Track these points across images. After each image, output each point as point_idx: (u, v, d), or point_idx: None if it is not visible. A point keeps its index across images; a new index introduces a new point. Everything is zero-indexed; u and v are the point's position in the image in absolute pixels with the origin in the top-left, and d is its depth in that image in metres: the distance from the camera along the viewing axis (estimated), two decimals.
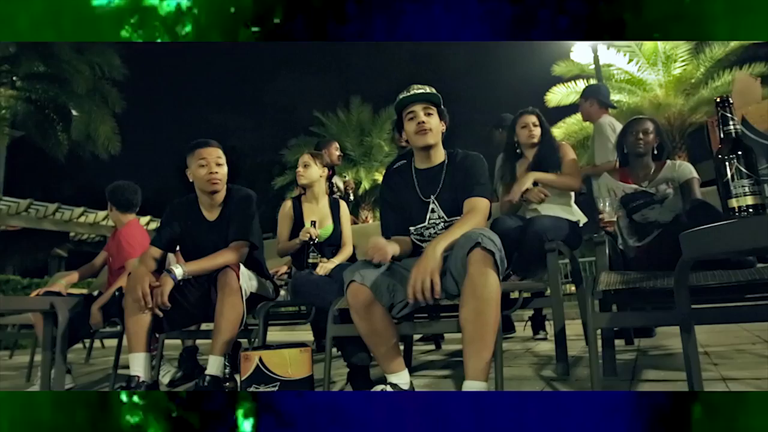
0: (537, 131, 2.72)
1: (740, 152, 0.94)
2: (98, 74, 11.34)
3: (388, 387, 1.66)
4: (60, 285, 2.94)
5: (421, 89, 1.86)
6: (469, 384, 1.43)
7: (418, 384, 1.90)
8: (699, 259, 1.31)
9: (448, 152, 1.94)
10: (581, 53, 9.12)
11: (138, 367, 1.97)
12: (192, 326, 2.60)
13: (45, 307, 2.25)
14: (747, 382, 1.75)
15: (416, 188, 1.92)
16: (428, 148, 1.89)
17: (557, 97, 10.83)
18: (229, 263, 2.08)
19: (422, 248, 1.86)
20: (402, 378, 1.70)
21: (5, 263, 15.31)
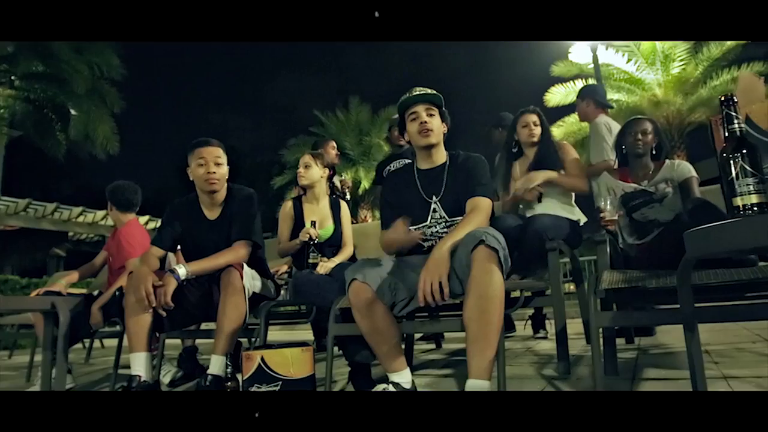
0: (537, 130, 2.72)
1: (745, 151, 0.95)
2: (97, 74, 11.31)
3: (390, 386, 1.66)
4: (60, 285, 2.93)
5: (423, 91, 1.90)
6: (473, 383, 1.43)
7: (419, 383, 1.90)
8: (701, 258, 1.31)
9: (450, 153, 1.97)
10: (580, 53, 9.12)
11: (139, 367, 1.97)
12: (192, 326, 2.59)
13: (46, 307, 2.24)
14: (748, 381, 1.76)
15: (418, 188, 1.94)
16: (430, 148, 1.92)
17: (556, 98, 10.82)
18: (232, 263, 2.08)
19: (423, 246, 1.90)
20: (404, 377, 1.70)
21: (4, 263, 15.31)
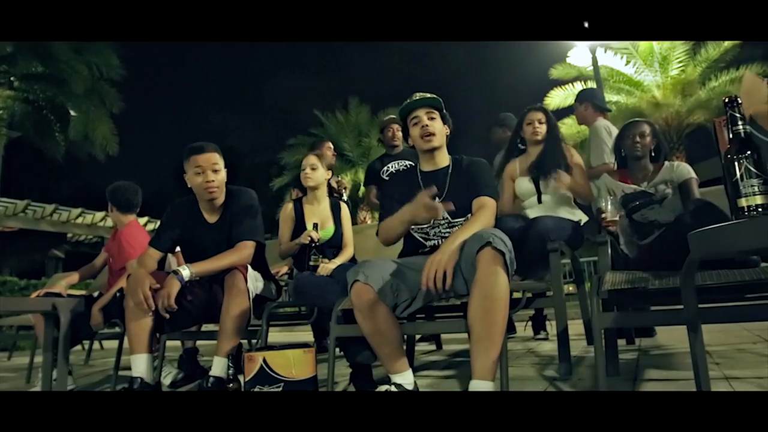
0: (542, 128, 2.71)
1: (749, 152, 0.95)
2: (96, 74, 11.30)
3: (393, 387, 1.66)
4: (60, 286, 2.93)
5: (423, 95, 1.95)
6: (476, 384, 1.43)
7: (421, 384, 1.90)
8: (705, 259, 1.31)
9: (453, 157, 2.02)
10: (579, 56, 9.13)
11: (140, 369, 1.96)
12: (193, 327, 2.59)
13: (47, 309, 2.24)
14: (750, 382, 1.76)
15: (422, 189, 1.93)
16: (433, 151, 1.97)
17: (555, 101, 10.84)
18: (236, 264, 2.07)
19: (425, 245, 1.93)
20: (406, 378, 1.70)
21: (2, 264, 15.28)
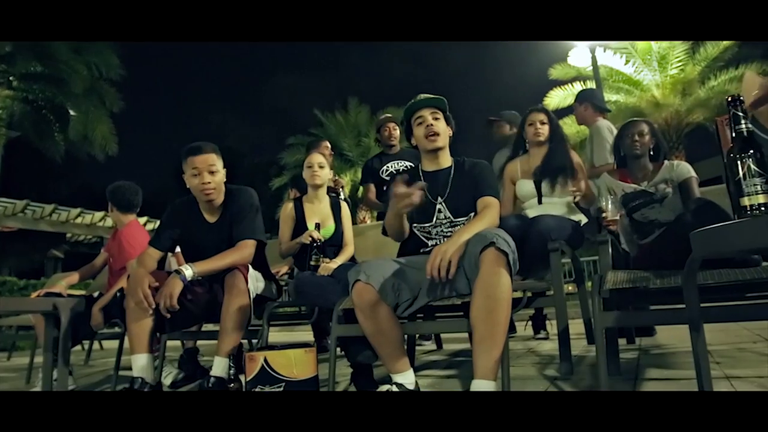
0: (544, 129, 2.70)
1: (752, 151, 0.95)
2: (95, 74, 11.29)
3: (394, 387, 1.66)
4: (60, 286, 2.93)
5: (428, 96, 1.97)
6: (478, 383, 1.43)
7: (422, 384, 1.90)
8: (706, 258, 1.31)
9: (455, 159, 2.05)
10: (579, 56, 9.12)
11: (141, 369, 1.96)
12: (193, 327, 2.59)
13: (48, 309, 2.24)
14: (751, 381, 1.76)
15: (424, 189, 1.94)
16: (437, 151, 1.99)
17: (555, 101, 10.84)
18: (237, 263, 2.07)
19: (427, 244, 1.95)
20: (407, 378, 1.70)
21: (1, 264, 15.28)
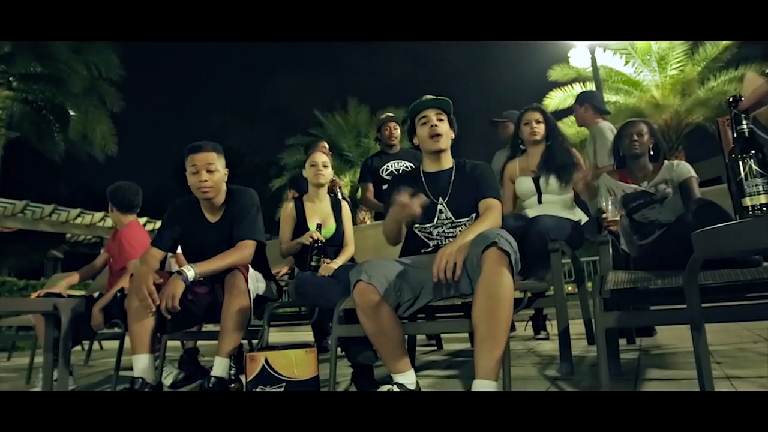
0: (540, 128, 2.70)
1: (753, 151, 0.95)
2: (95, 74, 11.28)
3: (395, 387, 1.66)
4: (61, 286, 2.93)
5: (434, 97, 1.99)
6: (479, 383, 1.43)
7: (422, 384, 1.90)
8: (707, 258, 1.31)
9: (456, 160, 2.06)
10: (578, 57, 9.13)
11: (142, 369, 1.96)
12: (194, 327, 2.59)
13: (48, 309, 2.23)
14: (752, 381, 1.76)
15: (425, 190, 1.99)
16: (439, 152, 2.01)
17: (555, 102, 10.85)
18: (238, 263, 2.07)
19: (428, 245, 1.96)
20: (408, 378, 1.70)
21: (1, 265, 15.26)
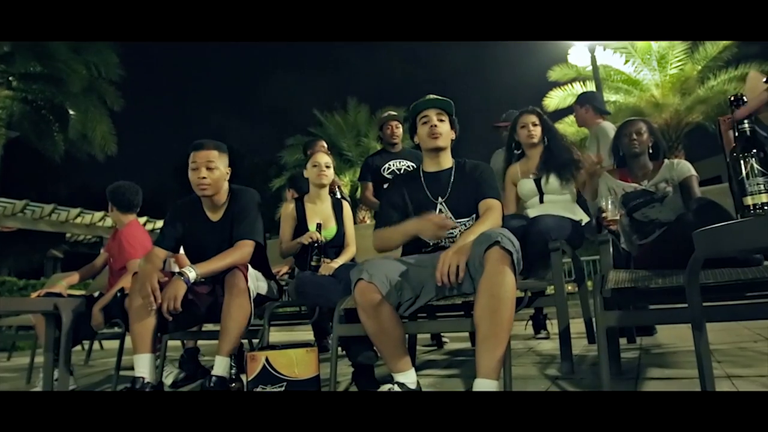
0: (536, 131, 2.70)
1: (755, 150, 0.95)
2: (95, 74, 11.28)
3: (396, 386, 1.66)
4: (61, 286, 2.93)
5: (437, 97, 1.99)
6: (481, 382, 1.43)
7: (423, 383, 1.90)
8: (708, 257, 1.31)
9: (456, 160, 2.06)
10: (578, 56, 9.12)
11: (143, 369, 1.97)
12: (195, 326, 2.59)
13: (49, 309, 2.24)
14: (752, 380, 1.76)
15: (425, 189, 2.00)
16: (438, 151, 2.00)
17: (555, 101, 10.86)
18: (237, 263, 2.08)
19: (428, 244, 1.96)
20: (409, 377, 1.70)
21: (1, 264, 15.26)
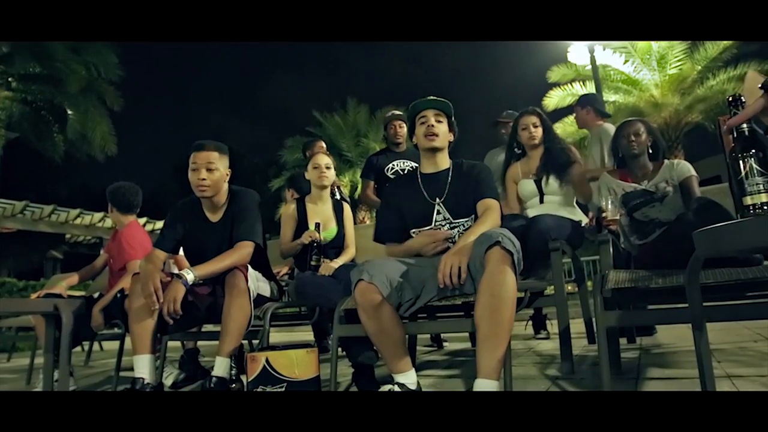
0: (538, 132, 2.71)
1: (754, 150, 0.95)
2: (94, 74, 11.27)
3: (396, 387, 1.66)
4: (61, 287, 2.92)
5: (436, 98, 1.99)
6: (481, 382, 1.43)
7: (423, 384, 1.90)
8: (708, 257, 1.31)
9: (454, 161, 2.06)
10: (578, 55, 9.12)
11: (143, 369, 1.96)
12: (195, 327, 2.59)
13: (48, 310, 2.23)
14: (753, 380, 1.76)
15: (422, 190, 2.00)
16: (434, 152, 2.00)
17: (554, 101, 10.85)
18: (238, 264, 2.07)
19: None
20: (409, 378, 1.70)
21: (0, 266, 15.24)
